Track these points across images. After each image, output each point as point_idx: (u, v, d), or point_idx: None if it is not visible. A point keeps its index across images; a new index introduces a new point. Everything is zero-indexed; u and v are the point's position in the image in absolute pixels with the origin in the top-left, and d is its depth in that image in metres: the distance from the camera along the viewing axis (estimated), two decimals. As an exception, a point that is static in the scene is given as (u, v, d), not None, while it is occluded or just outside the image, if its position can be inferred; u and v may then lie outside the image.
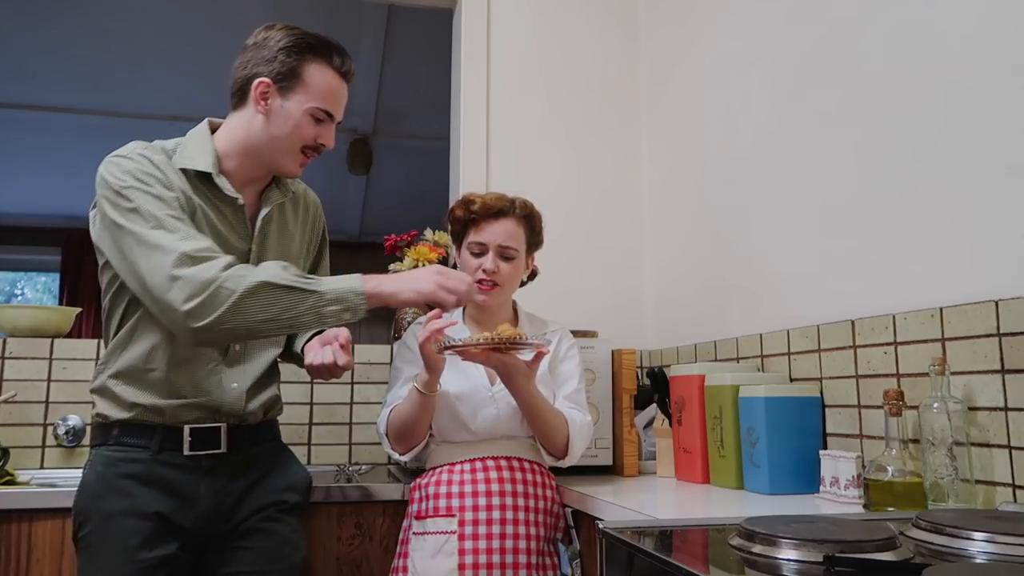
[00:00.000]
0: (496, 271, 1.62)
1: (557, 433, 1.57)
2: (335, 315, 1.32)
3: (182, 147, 1.46)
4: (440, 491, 1.55)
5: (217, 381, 1.46)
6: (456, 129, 2.52)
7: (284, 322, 1.31)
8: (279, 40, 1.45)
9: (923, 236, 1.39)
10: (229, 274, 1.28)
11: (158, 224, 1.32)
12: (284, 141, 1.45)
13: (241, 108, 1.48)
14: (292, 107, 1.44)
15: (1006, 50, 1.24)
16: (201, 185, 1.44)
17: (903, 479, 1.25)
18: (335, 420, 2.27)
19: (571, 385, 1.67)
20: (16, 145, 5.13)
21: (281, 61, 1.43)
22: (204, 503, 1.42)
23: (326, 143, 1.50)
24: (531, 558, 1.51)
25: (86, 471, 1.42)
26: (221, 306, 1.27)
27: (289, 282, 1.30)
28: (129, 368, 1.42)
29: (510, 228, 1.64)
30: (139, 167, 1.37)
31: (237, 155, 1.47)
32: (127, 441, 1.41)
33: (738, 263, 1.98)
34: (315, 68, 1.45)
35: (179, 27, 3.79)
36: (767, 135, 1.87)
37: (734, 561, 0.89)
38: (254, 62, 1.45)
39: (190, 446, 1.42)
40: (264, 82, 1.43)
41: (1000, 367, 1.22)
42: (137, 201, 1.33)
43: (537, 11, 2.56)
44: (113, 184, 1.35)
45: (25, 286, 7.34)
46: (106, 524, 1.36)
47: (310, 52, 1.45)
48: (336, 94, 1.48)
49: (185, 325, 1.28)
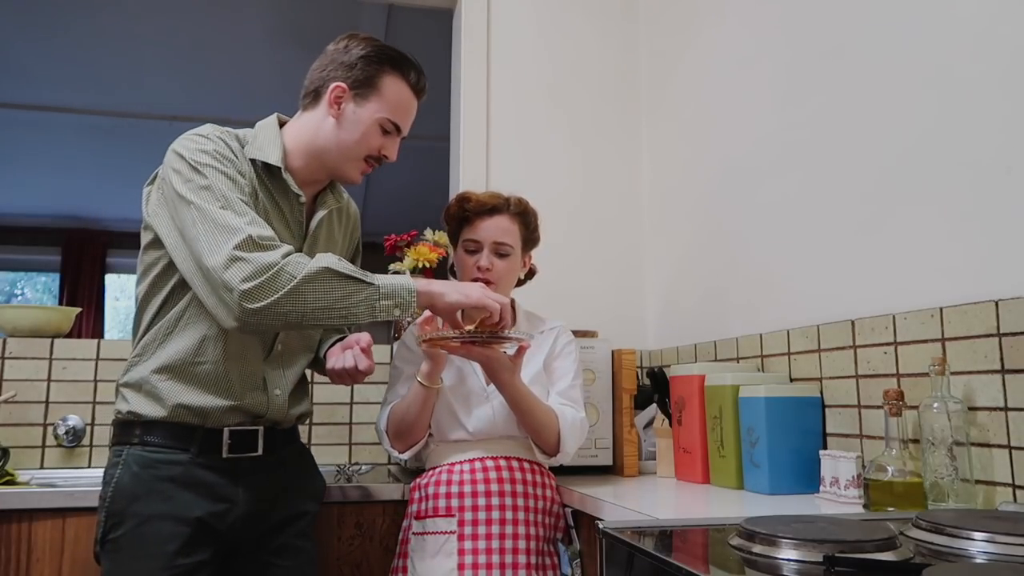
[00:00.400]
0: (491, 268, 1.62)
1: (547, 429, 1.57)
2: (387, 309, 1.33)
3: (253, 137, 1.47)
4: (440, 491, 1.55)
5: (262, 382, 1.45)
6: (456, 129, 2.52)
7: (338, 311, 1.30)
8: (361, 49, 1.47)
9: (923, 236, 1.39)
10: (290, 260, 1.28)
11: (227, 205, 1.31)
12: (351, 147, 1.47)
13: (312, 109, 1.49)
14: (364, 114, 1.46)
15: (1006, 50, 1.24)
16: (266, 178, 1.46)
17: (903, 479, 1.25)
18: (335, 420, 2.27)
19: (565, 381, 1.66)
20: (16, 145, 5.12)
21: (361, 68, 1.46)
22: (242, 506, 1.41)
23: (389, 155, 1.52)
24: (530, 558, 1.51)
25: (118, 472, 1.37)
26: (281, 290, 1.25)
27: (349, 271, 1.31)
28: (175, 362, 1.39)
29: (504, 224, 1.64)
30: (217, 148, 1.38)
31: (303, 155, 1.48)
32: (165, 442, 1.37)
33: (738, 263, 1.98)
34: (392, 80, 1.48)
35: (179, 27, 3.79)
36: (767, 135, 1.87)
37: (734, 561, 0.89)
38: (333, 66, 1.47)
39: (229, 448, 1.41)
40: (341, 87, 1.45)
41: (1000, 367, 1.22)
42: (211, 179, 1.33)
43: (537, 11, 2.56)
44: (189, 159, 1.35)
45: (25, 286, 7.34)
46: (142, 528, 1.33)
47: (389, 64, 1.48)
48: (408, 108, 1.51)
49: (239, 305, 1.25)
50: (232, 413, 1.41)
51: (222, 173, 1.35)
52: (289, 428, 1.55)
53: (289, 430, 1.55)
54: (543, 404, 1.59)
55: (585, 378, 1.87)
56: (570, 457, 1.61)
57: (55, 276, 6.74)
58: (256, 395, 1.44)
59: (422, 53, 1.60)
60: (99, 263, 6.58)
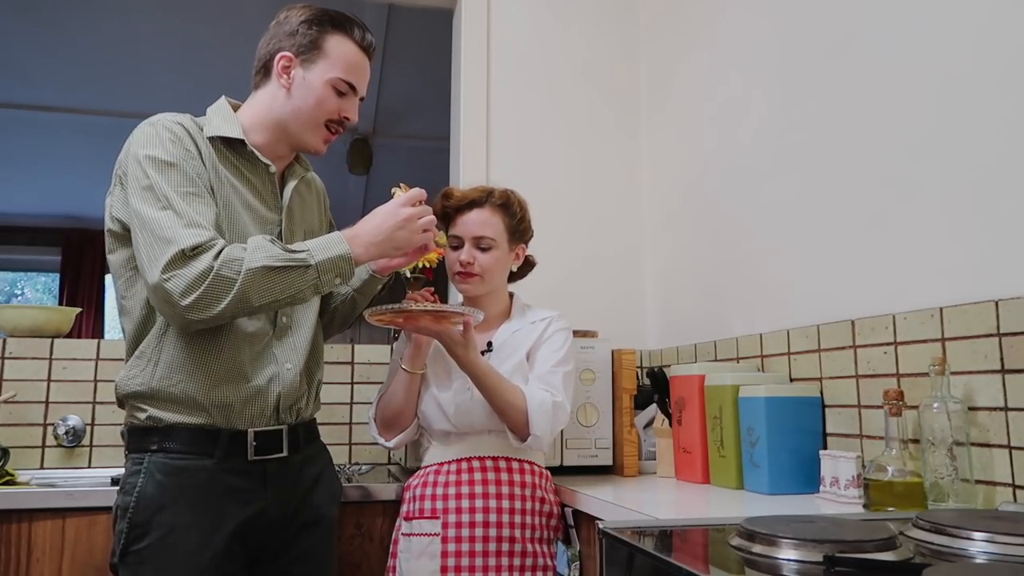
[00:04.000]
0: (472, 262, 1.61)
1: (513, 409, 1.52)
2: (330, 283, 1.34)
3: (207, 121, 1.45)
4: (426, 492, 1.55)
5: (273, 357, 1.42)
6: (456, 129, 2.52)
7: (285, 300, 1.31)
8: (300, 15, 1.46)
9: (923, 236, 1.39)
10: (223, 261, 1.25)
11: (167, 204, 1.28)
12: (307, 113, 1.44)
13: (264, 85, 1.48)
14: (314, 78, 1.44)
15: (1006, 50, 1.24)
16: (230, 154, 1.43)
17: (903, 479, 1.25)
18: (335, 420, 2.27)
19: (544, 366, 1.61)
20: (16, 145, 5.13)
21: (303, 34, 1.44)
22: (272, 511, 1.38)
23: (350, 116, 1.49)
24: (514, 560, 1.50)
25: (140, 480, 1.31)
26: (223, 298, 1.25)
27: (284, 261, 1.29)
28: (183, 360, 1.34)
29: (484, 218, 1.63)
30: (163, 135, 1.34)
31: (262, 130, 1.46)
32: (188, 448, 1.33)
33: (738, 263, 1.98)
34: (336, 40, 1.45)
35: (179, 27, 3.79)
36: (767, 135, 1.87)
37: (734, 561, 0.89)
38: (276, 38, 1.46)
39: (255, 451, 1.37)
40: (286, 56, 1.44)
41: (1000, 367, 1.22)
42: (152, 176, 1.30)
43: (537, 11, 2.56)
44: (135, 154, 1.33)
45: (25, 286, 7.34)
46: (169, 538, 1.28)
47: (331, 24, 1.46)
48: (358, 66, 1.48)
49: (183, 317, 1.26)
50: (252, 403, 1.37)
51: (165, 164, 1.31)
52: (309, 423, 1.52)
53: (310, 426, 1.52)
54: (509, 384, 1.54)
55: (585, 378, 1.87)
56: (545, 443, 1.55)
57: (55, 276, 6.75)
58: (268, 371, 1.40)
59: (422, 53, 1.60)
60: (99, 263, 6.58)
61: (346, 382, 2.30)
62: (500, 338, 1.66)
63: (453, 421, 1.58)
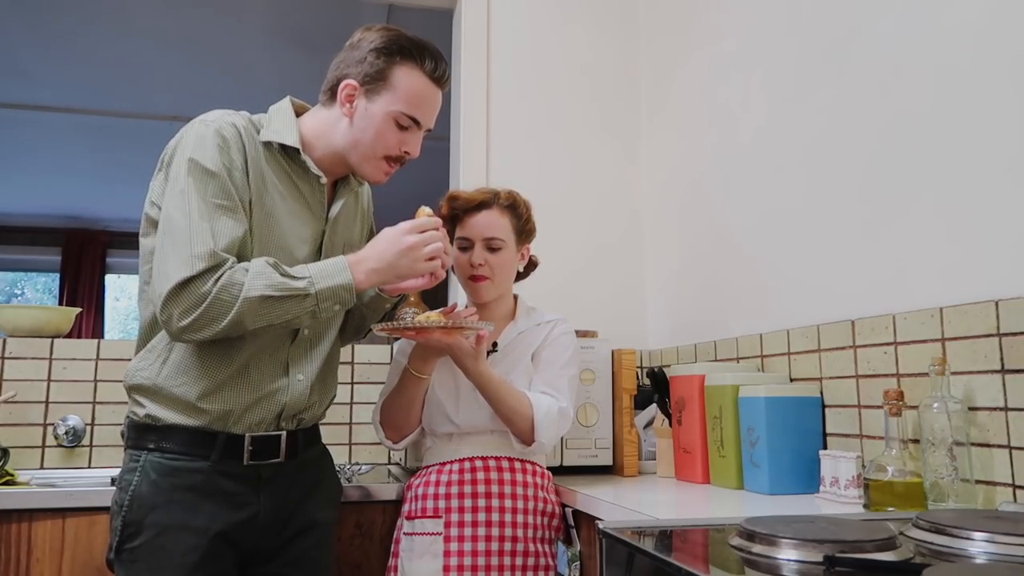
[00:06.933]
0: (484, 263, 1.61)
1: (519, 416, 1.53)
2: (328, 311, 1.32)
3: (268, 121, 1.42)
4: (428, 492, 1.55)
5: (285, 367, 1.40)
6: (456, 129, 2.52)
7: (280, 325, 1.30)
8: (372, 41, 1.41)
9: (923, 236, 1.39)
10: (222, 285, 1.24)
11: (195, 216, 1.26)
12: (366, 146, 1.40)
13: (329, 106, 1.44)
14: (376, 110, 1.39)
15: (1006, 50, 1.24)
16: (284, 160, 1.40)
17: (903, 479, 1.25)
18: (335, 420, 2.27)
19: (550, 370, 1.62)
20: (16, 145, 5.12)
21: (370, 63, 1.39)
22: (264, 516, 1.37)
23: (411, 151, 1.44)
24: (516, 559, 1.51)
25: (135, 478, 1.31)
26: (219, 322, 1.24)
27: (284, 291, 1.27)
28: (191, 362, 1.33)
29: (493, 219, 1.63)
30: (212, 138, 1.31)
31: (322, 149, 1.43)
32: (184, 449, 1.32)
33: (738, 263, 1.98)
34: (404, 71, 1.40)
35: (179, 27, 3.79)
36: (766, 135, 1.87)
37: (734, 561, 0.89)
38: (346, 63, 1.41)
39: (251, 455, 1.36)
40: (351, 84, 1.39)
41: (1000, 367, 1.22)
42: (185, 183, 1.28)
43: (537, 11, 2.56)
44: (183, 152, 1.31)
45: (25, 286, 7.34)
46: (161, 538, 1.29)
47: (400, 54, 1.40)
48: (425, 99, 1.42)
49: (178, 337, 1.27)
50: (253, 410, 1.36)
51: (205, 172, 1.28)
52: (311, 428, 1.49)
53: (311, 431, 1.50)
54: (516, 391, 1.55)
55: (585, 378, 1.87)
56: (549, 448, 1.57)
57: (55, 276, 6.74)
58: (278, 382, 1.38)
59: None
60: (99, 263, 6.59)
61: (346, 382, 2.30)
62: (505, 339, 1.66)
63: (457, 422, 1.59)
